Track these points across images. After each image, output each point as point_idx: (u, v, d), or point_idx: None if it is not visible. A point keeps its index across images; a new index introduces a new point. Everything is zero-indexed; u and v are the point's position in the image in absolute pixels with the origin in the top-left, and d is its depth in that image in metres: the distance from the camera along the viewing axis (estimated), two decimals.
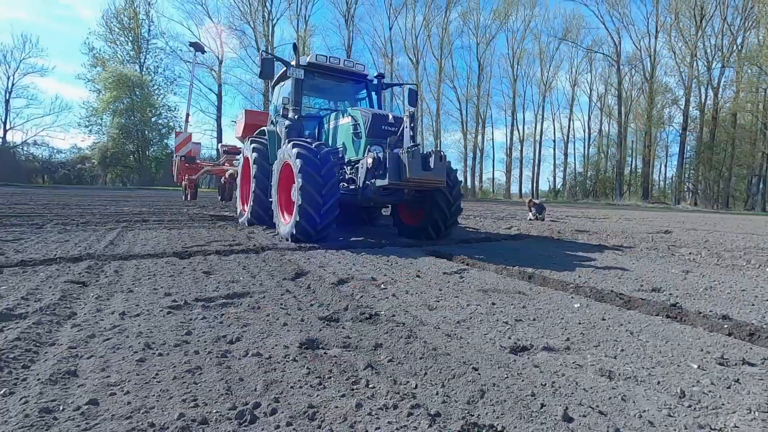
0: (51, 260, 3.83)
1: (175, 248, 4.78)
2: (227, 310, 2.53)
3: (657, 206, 40.33)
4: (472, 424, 1.37)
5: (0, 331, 2.05)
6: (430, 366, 1.81)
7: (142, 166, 39.48)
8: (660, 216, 19.61)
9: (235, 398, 1.48)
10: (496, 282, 3.68)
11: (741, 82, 42.22)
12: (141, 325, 2.18)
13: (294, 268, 3.85)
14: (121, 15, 41.55)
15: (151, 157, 40.85)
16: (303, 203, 5.29)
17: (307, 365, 1.77)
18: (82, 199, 15.47)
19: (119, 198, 17.26)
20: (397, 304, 2.80)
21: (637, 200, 47.22)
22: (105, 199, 15.50)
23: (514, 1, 53.14)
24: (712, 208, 40.02)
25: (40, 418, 1.30)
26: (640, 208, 32.90)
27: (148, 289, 2.94)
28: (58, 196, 16.81)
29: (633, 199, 48.33)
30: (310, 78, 7.50)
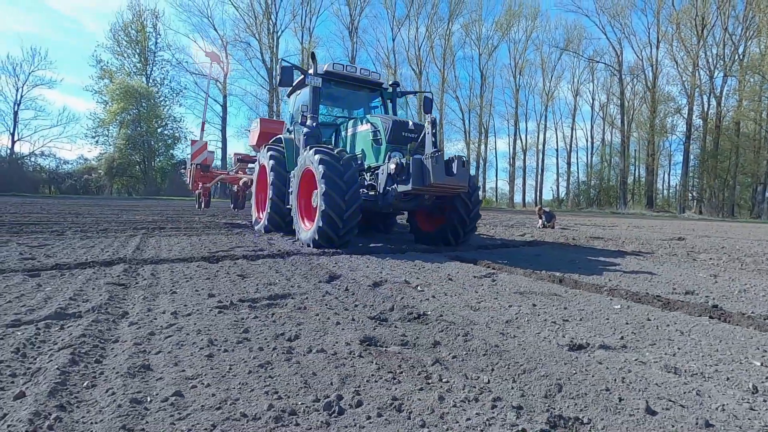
0: (85, 264, 3.85)
1: (201, 253, 4.79)
2: (275, 311, 2.53)
3: (662, 215, 40.25)
4: (558, 417, 1.37)
5: (61, 329, 2.06)
6: (495, 362, 1.81)
7: (147, 176, 39.68)
8: (668, 224, 19.57)
9: (315, 391, 1.49)
10: (529, 285, 3.68)
11: (744, 91, 42.35)
12: (196, 324, 2.19)
13: (326, 272, 3.86)
14: (129, 28, 42.18)
15: (156, 167, 41.09)
16: (326, 209, 5.31)
17: (374, 361, 1.77)
18: (92, 208, 15.53)
19: (128, 207, 17.33)
20: (440, 305, 2.80)
21: (641, 209, 47.11)
22: (114, 209, 15.56)
23: (515, 13, 53.69)
24: (718, 216, 39.89)
25: (132, 408, 1.30)
26: (645, 217, 32.84)
27: (190, 291, 2.95)
28: (67, 206, 16.88)
29: (637, 208, 48.21)
30: (326, 86, 7.57)
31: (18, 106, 37.70)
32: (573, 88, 57.25)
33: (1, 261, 3.95)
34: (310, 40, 46.08)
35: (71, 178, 38.54)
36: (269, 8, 44.43)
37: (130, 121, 37.88)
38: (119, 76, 40.57)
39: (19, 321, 2.16)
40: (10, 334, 1.98)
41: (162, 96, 42.39)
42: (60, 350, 1.74)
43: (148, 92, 38.68)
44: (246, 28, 44.50)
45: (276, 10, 45.00)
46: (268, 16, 44.66)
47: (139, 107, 38.11)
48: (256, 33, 44.76)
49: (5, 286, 2.96)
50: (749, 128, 44.74)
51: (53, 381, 1.43)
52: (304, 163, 6.05)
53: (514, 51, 55.11)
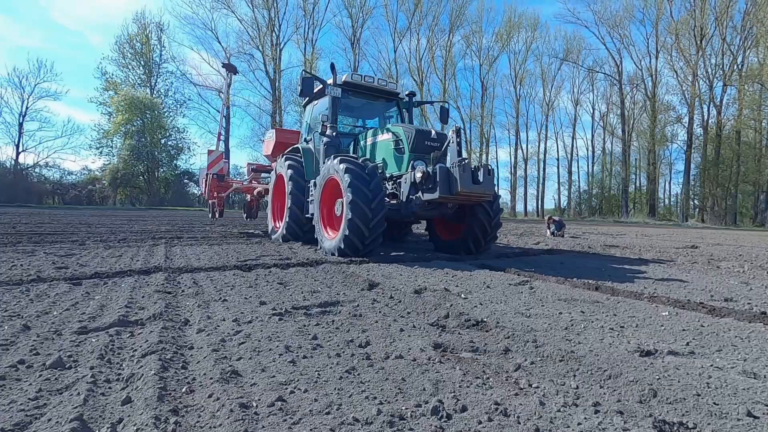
0: (122, 272, 3.85)
1: (231, 262, 4.79)
2: (332, 318, 2.53)
3: (666, 223, 40.27)
4: (662, 421, 1.37)
5: (132, 336, 2.06)
6: (576, 368, 1.81)
7: (151, 186, 39.76)
8: (674, 233, 19.57)
9: (413, 396, 1.49)
10: (567, 292, 3.68)
11: (743, 100, 42.65)
12: (262, 331, 2.19)
13: (363, 280, 3.86)
14: (134, 41, 42.57)
15: (160, 177, 41.19)
16: (353, 217, 5.33)
17: (456, 366, 1.77)
18: (100, 218, 15.54)
19: (135, 217, 17.34)
20: (492, 312, 2.80)
21: (643, 217, 47.13)
22: (122, 219, 15.57)
23: (515, 24, 54.27)
24: (721, 224, 39.91)
25: (244, 413, 1.31)
26: (649, 225, 32.85)
27: (239, 299, 2.95)
28: (75, 216, 16.90)
29: (639, 217, 48.25)
30: (344, 96, 7.62)
31: (23, 117, 37.92)
32: (573, 97, 57.70)
33: (39, 270, 3.95)
34: (312, 52, 46.54)
35: (75, 189, 38.61)
36: (272, 21, 44.93)
37: (134, 132, 38.06)
38: (124, 87, 40.88)
39: (85, 328, 2.16)
40: (84, 341, 1.98)
41: (166, 107, 42.71)
42: (144, 357, 1.74)
43: (152, 103, 38.93)
44: (249, 40, 44.95)
45: (279, 22, 45.51)
46: (272, 28, 45.13)
47: (143, 118, 38.33)
48: (259, 45, 45.19)
49: (55, 294, 2.96)
50: (749, 137, 45.00)
51: (155, 386, 1.43)
52: (328, 172, 6.08)
53: (515, 61, 55.64)
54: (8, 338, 1.97)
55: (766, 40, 40.60)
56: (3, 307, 2.57)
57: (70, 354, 1.80)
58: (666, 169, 57.17)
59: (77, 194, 37.73)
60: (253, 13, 44.45)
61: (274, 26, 45.34)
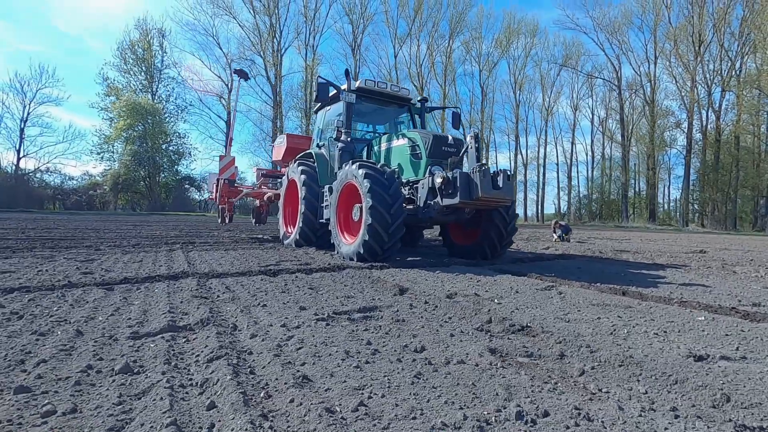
0: (150, 278, 3.85)
1: (254, 267, 4.79)
2: (377, 323, 2.54)
3: (666, 228, 40.36)
4: (742, 426, 1.38)
5: (188, 341, 2.07)
6: (638, 373, 1.82)
7: (152, 192, 39.73)
8: (678, 237, 19.62)
9: (490, 401, 1.49)
10: (597, 297, 3.68)
11: (742, 105, 42.92)
12: (314, 336, 2.20)
13: (392, 285, 3.86)
14: (136, 47, 42.71)
15: (161, 183, 41.18)
16: (373, 222, 5.35)
17: (521, 371, 1.78)
18: (105, 223, 15.53)
19: (139, 223, 17.33)
20: (532, 317, 2.81)
21: (643, 222, 47.27)
22: (127, 224, 15.56)
23: (514, 30, 54.66)
24: (722, 229, 40.02)
25: (332, 417, 1.31)
26: (650, 230, 32.91)
27: (278, 304, 2.95)
28: (80, 221, 16.88)
29: (640, 222, 48.39)
30: (357, 102, 7.66)
31: (24, 122, 37.93)
32: (572, 103, 57.96)
33: (66, 275, 3.95)
34: (314, 58, 46.76)
35: (76, 194, 38.57)
36: (273, 27, 45.16)
37: (136, 137, 38.09)
38: (125, 93, 40.96)
39: (137, 333, 2.17)
40: (141, 346, 1.98)
41: (167, 112, 42.79)
42: (211, 362, 1.75)
43: (154, 109, 39.00)
44: (251, 46, 45.17)
45: (280, 28, 45.76)
46: (273, 34, 45.35)
47: (145, 123, 38.38)
48: (260, 51, 45.40)
49: (93, 299, 2.96)
50: (748, 142, 45.25)
51: (236, 391, 1.44)
52: (346, 177, 6.09)
53: (514, 67, 55.96)
54: (66, 343, 1.97)
55: (763, 47, 40.96)
56: (47, 312, 2.57)
57: (134, 359, 1.80)
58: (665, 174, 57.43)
59: (78, 199, 37.69)
60: (255, 19, 44.75)
61: (276, 32, 45.58)
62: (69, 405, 1.36)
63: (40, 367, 1.68)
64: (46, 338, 2.07)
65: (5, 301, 2.87)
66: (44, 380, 1.56)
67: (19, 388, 1.46)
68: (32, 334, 2.12)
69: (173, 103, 44.41)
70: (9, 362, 1.74)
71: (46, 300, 2.92)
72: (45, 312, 2.59)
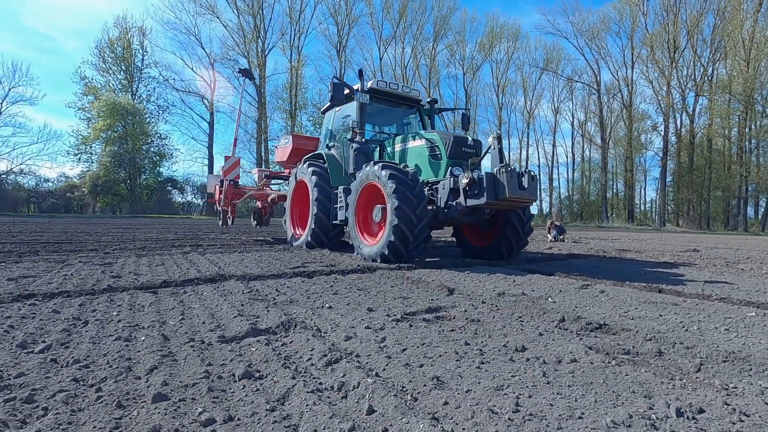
0: (190, 281, 3.74)
1: (283, 269, 4.71)
2: (454, 323, 2.52)
3: (645, 227, 41.52)
4: None
5: (285, 345, 2.01)
6: (748, 368, 1.85)
7: (133, 194, 38.64)
8: (662, 236, 20.20)
9: (634, 399, 1.49)
10: (641, 295, 3.74)
11: (714, 110, 44.57)
12: (407, 337, 2.16)
13: (437, 285, 3.85)
14: (115, 45, 41.52)
15: (143, 185, 40.13)
16: (399, 223, 5.32)
17: (641, 369, 1.79)
18: (91, 227, 15.00)
19: (127, 226, 16.79)
20: (600, 315, 2.84)
21: (622, 222, 48.53)
22: (116, 228, 15.07)
23: (497, 34, 55.49)
24: (697, 228, 41.41)
25: (498, 418, 1.29)
26: (631, 230, 33.76)
27: (342, 306, 2.90)
28: (63, 225, 16.27)
29: (619, 222, 49.65)
30: (368, 103, 7.62)
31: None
32: (553, 106, 59.16)
33: (98, 280, 3.79)
34: (299, 59, 46.37)
35: (53, 197, 37.19)
36: (258, 27, 44.64)
37: (116, 138, 36.98)
38: (104, 92, 39.76)
39: (224, 337, 2.10)
40: (240, 350, 1.91)
41: (148, 113, 41.72)
42: (329, 365, 1.70)
43: (135, 109, 37.96)
44: (234, 45, 44.53)
45: (265, 29, 45.26)
46: (257, 35, 44.81)
47: (125, 124, 37.32)
48: (244, 51, 44.80)
49: (148, 303, 2.85)
50: (719, 145, 47.00)
51: (389, 394, 1.40)
52: (366, 178, 6.05)
53: (497, 71, 56.76)
54: (160, 349, 1.89)
55: (734, 53, 42.69)
56: (111, 318, 2.46)
57: (247, 363, 1.74)
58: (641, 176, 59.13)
59: (55, 202, 36.36)
60: (239, 19, 44.14)
61: (260, 33, 45.06)
62: (222, 413, 1.31)
63: (156, 375, 1.60)
64: (134, 344, 1.98)
65: (56, 306, 2.74)
66: (171, 387, 1.49)
67: (157, 396, 1.39)
68: (116, 340, 2.03)
69: (154, 103, 43.36)
70: (115, 369, 1.65)
71: (98, 305, 2.80)
72: (108, 317, 2.48)
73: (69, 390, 1.46)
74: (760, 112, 42.94)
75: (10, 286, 3.47)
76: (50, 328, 2.23)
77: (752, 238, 24.05)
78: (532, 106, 58.79)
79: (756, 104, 41.81)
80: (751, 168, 41.77)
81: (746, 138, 42.55)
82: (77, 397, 1.41)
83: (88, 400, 1.39)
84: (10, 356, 1.79)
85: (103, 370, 1.66)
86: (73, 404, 1.36)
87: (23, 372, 1.61)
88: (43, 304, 2.80)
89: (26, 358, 1.78)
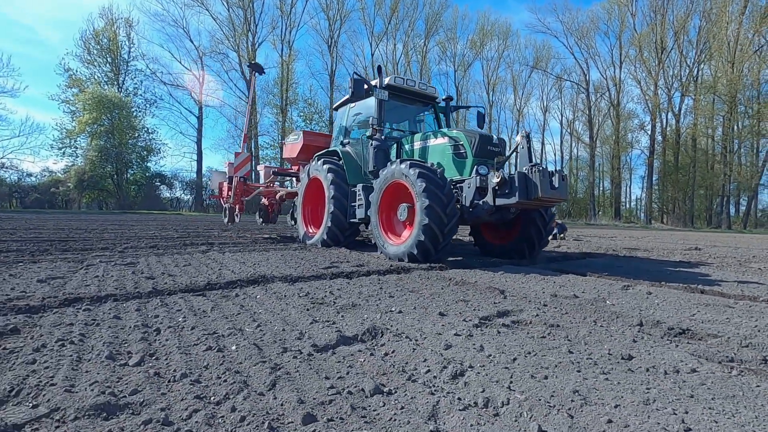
0: (233, 283, 3.62)
1: (316, 270, 4.59)
2: (534, 328, 2.46)
3: (633, 225, 42.27)
4: None
5: (386, 354, 1.92)
6: None
7: (120, 189, 37.75)
8: (655, 234, 20.53)
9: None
10: (686, 297, 3.74)
11: (699, 110, 45.50)
12: (506, 345, 2.09)
13: (485, 287, 3.79)
14: (101, 36, 40.41)
15: (130, 180, 39.23)
16: (429, 222, 5.25)
17: (760, 379, 1.75)
18: (84, 223, 14.56)
19: (121, 222, 16.35)
20: (671, 318, 2.81)
21: (609, 220, 49.31)
22: (109, 224, 14.64)
23: (488, 32, 55.71)
24: (683, 226, 42.31)
25: None
26: (619, 227, 34.29)
27: (410, 310, 2.82)
28: (54, 221, 15.77)
29: (606, 219, 50.43)
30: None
31: None
32: (542, 104, 59.73)
33: (136, 282, 3.64)
34: (290, 54, 45.82)
35: (36, 192, 36.10)
36: (248, 20, 43.95)
37: (102, 132, 36.02)
38: (89, 85, 38.66)
39: (317, 346, 2.00)
40: (347, 360, 1.82)
41: (135, 106, 40.77)
42: (455, 378, 1.62)
43: (122, 102, 37.03)
44: (224, 39, 43.77)
45: (255, 22, 44.58)
46: (247, 28, 44.13)
47: (112, 118, 36.37)
48: (234, 45, 44.09)
49: (210, 308, 2.72)
50: (703, 144, 48.05)
51: (559, 414, 1.33)
52: (392, 176, 5.96)
53: (487, 68, 57.02)
54: (262, 360, 1.78)
55: (719, 55, 43.58)
56: (179, 324, 2.33)
57: (369, 376, 1.64)
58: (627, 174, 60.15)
59: (39, 197, 35.30)
60: (228, 12, 43.38)
61: (250, 26, 44.38)
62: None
63: (282, 391, 1.50)
64: (230, 354, 1.87)
65: (111, 311, 2.60)
66: (310, 405, 1.40)
67: (307, 417, 1.30)
68: (207, 350, 1.91)
69: (142, 97, 42.38)
70: (232, 385, 1.55)
71: (156, 310, 2.67)
72: (177, 324, 2.35)
73: (200, 409, 1.35)
74: (743, 112, 43.94)
75: (46, 289, 3.30)
76: (125, 337, 2.10)
77: (739, 236, 24.65)
78: (522, 104, 59.29)
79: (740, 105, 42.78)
80: (734, 167, 42.82)
81: (730, 138, 43.56)
82: (216, 418, 1.31)
83: (232, 421, 1.28)
84: (108, 371, 1.67)
85: (218, 385, 1.55)
86: (219, 426, 1.26)
87: (136, 389, 1.49)
88: (98, 310, 2.66)
89: (126, 372, 1.66)
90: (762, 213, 48.76)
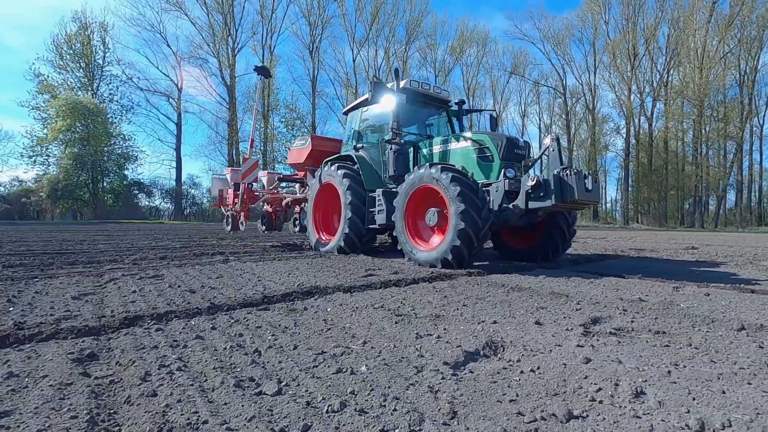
0: (288, 295, 3.41)
1: (358, 280, 4.40)
2: (644, 337, 2.37)
3: (612, 226, 43.35)
4: None
5: (522, 372, 1.78)
6: None
7: (97, 198, 36.35)
8: (642, 234, 21.03)
9: None
10: (743, 297, 3.74)
11: (670, 113, 47.19)
12: (643, 358, 1.98)
13: (548, 293, 3.70)
14: (73, 40, 38.99)
15: (107, 188, 37.84)
16: (465, 227, 5.14)
17: None
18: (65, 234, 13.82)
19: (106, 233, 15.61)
20: (758, 319, 2.77)
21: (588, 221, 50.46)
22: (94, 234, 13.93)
23: (467, 39, 56.53)
24: (659, 226, 43.63)
25: None
26: (599, 228, 35.07)
27: (501, 318, 2.69)
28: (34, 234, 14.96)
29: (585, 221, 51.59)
30: None
31: None
32: (521, 109, 60.87)
33: (182, 297, 3.39)
34: (271, 59, 45.28)
35: (5, 202, 34.35)
36: (228, 25, 43.27)
37: (77, 140, 34.66)
38: (61, 91, 37.20)
39: (447, 363, 1.85)
40: (493, 377, 1.67)
41: (110, 113, 39.44)
42: (638, 395, 1.49)
43: (97, 109, 35.75)
44: (203, 44, 42.94)
45: (235, 27, 43.94)
46: (227, 33, 43.43)
47: (87, 124, 35.03)
48: (214, 50, 43.30)
49: (293, 323, 2.52)
50: (674, 147, 49.84)
51: None
52: (420, 181, 5.83)
53: (467, 74, 57.78)
54: (410, 383, 1.62)
55: (687, 61, 45.39)
56: (276, 344, 2.14)
57: (547, 397, 1.50)
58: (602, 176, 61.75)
59: (8, 208, 33.60)
60: (208, 17, 42.61)
61: (230, 31, 43.70)
62: None
63: (466, 419, 1.35)
64: (369, 377, 1.70)
65: (183, 329, 2.38)
66: None
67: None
68: (338, 373, 1.74)
69: (118, 103, 41.06)
70: (403, 414, 1.38)
71: (232, 327, 2.46)
72: (268, 342, 2.16)
73: None
74: (711, 116, 45.77)
75: (89, 307, 3.04)
76: (230, 361, 1.90)
77: (719, 234, 25.52)
78: (501, 109, 60.22)
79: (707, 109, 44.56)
80: (703, 169, 44.52)
81: (700, 141, 45.31)
82: None
83: None
84: (251, 402, 1.47)
85: (389, 415, 1.38)
86: None
87: (307, 425, 1.31)
88: (168, 329, 2.43)
89: (273, 403, 1.47)
90: (729, 212, 50.74)
